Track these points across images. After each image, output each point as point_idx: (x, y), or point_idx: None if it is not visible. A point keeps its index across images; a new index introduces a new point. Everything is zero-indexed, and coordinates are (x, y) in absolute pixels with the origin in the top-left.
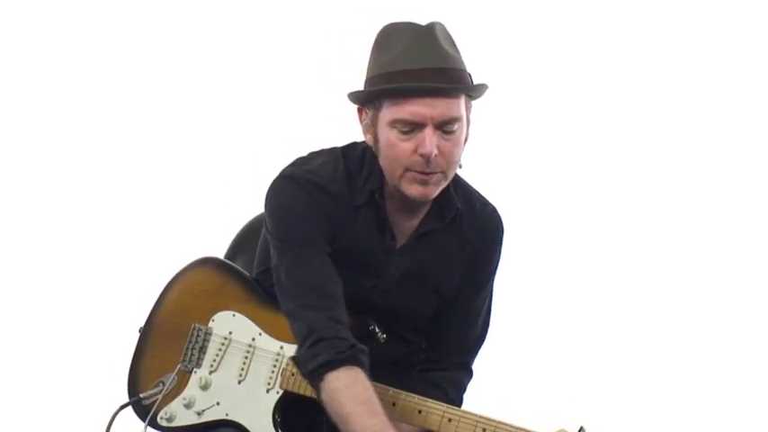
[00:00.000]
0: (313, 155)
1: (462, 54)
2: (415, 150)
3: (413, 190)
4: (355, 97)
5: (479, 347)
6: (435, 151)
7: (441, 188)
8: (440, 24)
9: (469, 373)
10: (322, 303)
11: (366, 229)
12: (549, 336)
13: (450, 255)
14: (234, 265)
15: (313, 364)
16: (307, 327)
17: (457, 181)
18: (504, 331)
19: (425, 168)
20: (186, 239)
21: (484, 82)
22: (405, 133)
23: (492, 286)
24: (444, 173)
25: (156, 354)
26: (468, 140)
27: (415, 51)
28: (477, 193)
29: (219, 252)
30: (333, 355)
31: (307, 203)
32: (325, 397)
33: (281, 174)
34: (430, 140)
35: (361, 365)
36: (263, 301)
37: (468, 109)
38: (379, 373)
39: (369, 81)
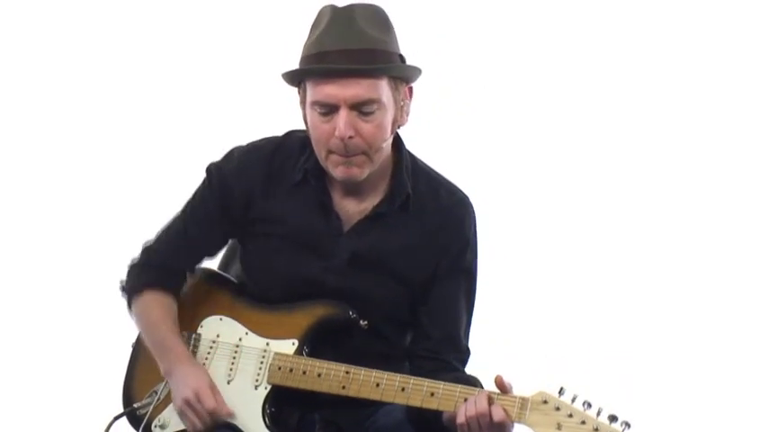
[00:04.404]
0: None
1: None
2: (333, 132)
3: (338, 171)
4: (285, 79)
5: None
6: (350, 133)
7: (367, 169)
8: (365, 6)
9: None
10: (147, 258)
11: (306, 208)
12: (532, 305)
13: (410, 241)
14: (221, 273)
15: (123, 294)
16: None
17: (421, 168)
18: (490, 301)
19: (343, 151)
20: None
21: (415, 65)
22: (323, 115)
23: (474, 278)
24: (367, 154)
25: (148, 366)
26: (405, 125)
27: (330, 34)
28: (446, 181)
29: (207, 263)
30: (133, 283)
31: (226, 176)
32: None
33: None
34: (344, 122)
35: (159, 287)
36: (250, 303)
37: (396, 90)
38: (360, 366)
39: (299, 63)
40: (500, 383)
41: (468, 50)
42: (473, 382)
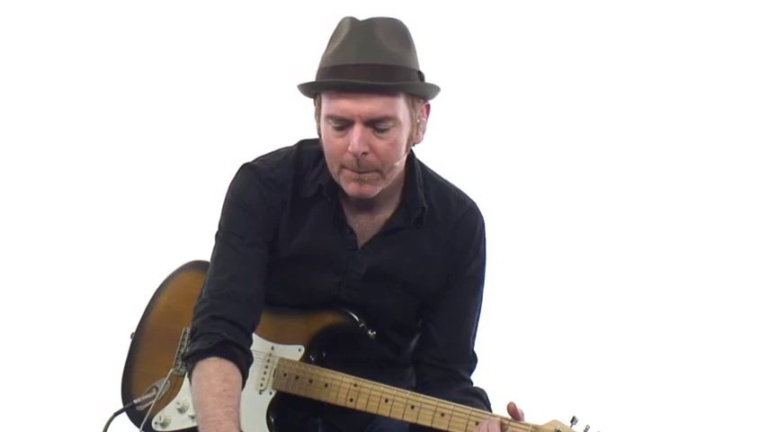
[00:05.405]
0: (282, 148)
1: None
2: (347, 147)
3: (350, 188)
4: (300, 90)
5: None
6: (364, 149)
7: (379, 187)
8: (386, 20)
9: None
10: (217, 303)
11: (321, 224)
12: (544, 330)
13: (423, 254)
14: None
15: (187, 353)
16: (194, 324)
17: (431, 178)
18: (500, 327)
19: (356, 167)
20: (175, 244)
21: (433, 83)
22: (337, 129)
23: (482, 286)
24: (380, 171)
25: (149, 359)
26: (421, 143)
27: (348, 47)
28: (455, 189)
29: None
30: (201, 346)
31: (255, 195)
32: (191, 384)
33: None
34: (358, 138)
35: (230, 357)
36: None
37: (413, 108)
38: (365, 372)
39: (315, 75)
40: (513, 410)
41: (468, 50)
42: (479, 395)
